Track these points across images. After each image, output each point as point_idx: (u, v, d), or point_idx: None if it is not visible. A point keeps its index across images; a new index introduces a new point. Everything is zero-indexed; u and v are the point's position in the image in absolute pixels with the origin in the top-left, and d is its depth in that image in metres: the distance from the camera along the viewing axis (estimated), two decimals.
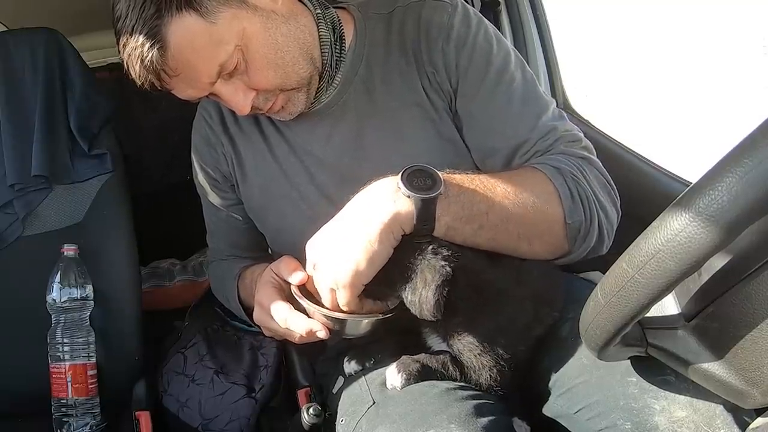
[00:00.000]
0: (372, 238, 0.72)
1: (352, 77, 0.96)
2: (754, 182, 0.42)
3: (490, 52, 0.92)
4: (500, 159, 0.91)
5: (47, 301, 1.08)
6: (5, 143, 1.18)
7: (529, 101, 0.92)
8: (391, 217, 0.73)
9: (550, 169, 0.83)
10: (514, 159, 0.91)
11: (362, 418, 0.82)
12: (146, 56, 0.79)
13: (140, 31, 0.78)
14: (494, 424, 0.74)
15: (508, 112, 0.90)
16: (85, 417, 1.07)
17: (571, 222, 0.81)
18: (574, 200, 0.81)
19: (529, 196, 0.79)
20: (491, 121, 0.91)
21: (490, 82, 0.91)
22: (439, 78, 0.92)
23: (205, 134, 1.04)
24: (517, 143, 0.90)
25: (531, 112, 0.91)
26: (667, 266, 0.48)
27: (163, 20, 0.78)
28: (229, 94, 0.85)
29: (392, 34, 0.96)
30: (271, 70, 0.85)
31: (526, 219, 0.79)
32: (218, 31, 0.80)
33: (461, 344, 0.80)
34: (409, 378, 0.81)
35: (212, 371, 1.36)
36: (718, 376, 0.58)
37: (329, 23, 0.94)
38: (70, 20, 1.53)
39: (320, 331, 0.80)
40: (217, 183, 1.06)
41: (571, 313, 0.87)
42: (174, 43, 0.79)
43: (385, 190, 0.76)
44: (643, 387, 0.74)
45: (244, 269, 1.06)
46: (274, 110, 0.91)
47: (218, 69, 0.82)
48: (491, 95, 0.91)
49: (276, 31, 0.85)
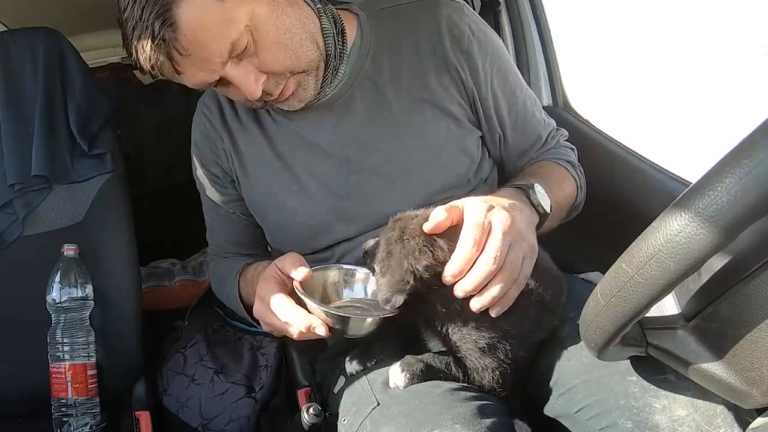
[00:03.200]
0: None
1: (358, 72, 0.96)
2: (754, 183, 0.42)
3: (504, 59, 1.01)
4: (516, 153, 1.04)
5: (47, 301, 1.08)
6: (5, 143, 1.18)
7: (534, 101, 1.05)
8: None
9: (566, 164, 1.03)
10: (531, 152, 1.05)
11: (366, 418, 0.82)
12: (157, 36, 0.79)
13: (150, 12, 0.78)
14: (498, 425, 0.74)
15: (527, 113, 1.03)
16: (85, 417, 1.07)
17: (578, 201, 1.03)
18: (580, 186, 1.02)
19: (564, 183, 0.98)
20: (515, 121, 1.02)
21: (510, 87, 1.01)
22: (464, 76, 0.97)
23: (204, 130, 1.04)
24: (533, 141, 1.04)
25: (538, 111, 1.05)
26: (666, 266, 0.48)
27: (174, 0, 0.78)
28: (241, 76, 0.85)
29: (401, 28, 0.97)
30: (281, 50, 0.86)
31: (565, 199, 0.98)
32: (228, 10, 0.80)
33: (464, 347, 0.80)
34: (412, 378, 0.81)
35: (212, 371, 1.36)
36: (718, 377, 0.58)
37: (330, 17, 0.95)
38: (70, 20, 1.53)
39: (320, 327, 0.79)
40: (216, 179, 1.06)
41: (571, 313, 0.87)
42: (185, 22, 0.79)
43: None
44: (643, 386, 0.74)
45: (246, 266, 1.06)
46: (285, 96, 0.90)
47: (229, 48, 0.82)
48: (514, 98, 1.01)
49: (282, 13, 0.86)
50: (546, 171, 0.99)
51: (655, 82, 4.40)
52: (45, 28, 1.22)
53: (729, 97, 3.85)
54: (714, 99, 3.96)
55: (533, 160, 1.04)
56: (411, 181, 0.94)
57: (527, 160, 1.05)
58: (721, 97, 3.94)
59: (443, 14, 0.96)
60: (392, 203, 0.93)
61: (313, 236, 0.99)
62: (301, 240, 1.01)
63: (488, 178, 1.02)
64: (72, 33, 1.29)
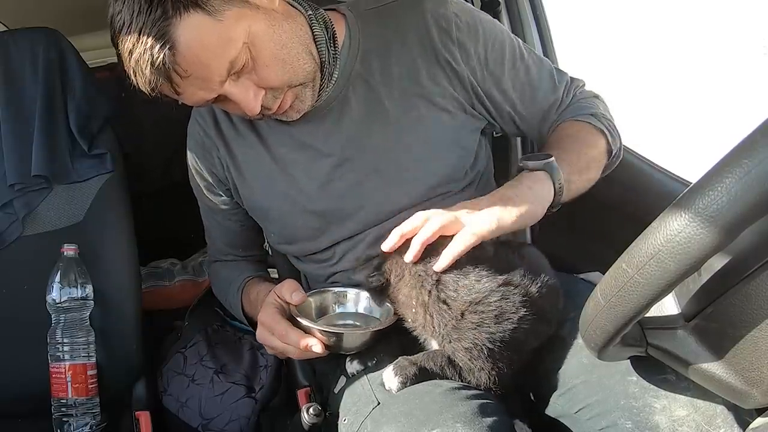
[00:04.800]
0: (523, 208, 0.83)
1: (349, 73, 0.96)
2: (754, 183, 0.42)
3: (497, 35, 1.00)
4: (536, 122, 1.04)
5: (47, 301, 1.08)
6: (5, 143, 1.17)
7: (540, 65, 1.03)
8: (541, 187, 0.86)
9: (588, 117, 1.00)
10: (551, 116, 1.04)
11: (367, 418, 0.82)
12: (157, 58, 0.78)
13: (148, 35, 0.77)
14: (498, 424, 0.74)
15: (532, 80, 1.01)
16: (85, 417, 1.07)
17: (614, 148, 1.00)
18: (611, 133, 1.00)
19: (590, 140, 0.97)
20: (523, 93, 1.01)
21: (509, 61, 0.99)
22: (456, 66, 0.96)
23: (199, 138, 1.05)
24: (549, 104, 1.03)
25: (547, 74, 1.03)
26: (666, 266, 0.48)
27: (171, 21, 0.77)
28: (240, 93, 0.85)
29: (389, 26, 0.98)
30: (279, 65, 0.86)
31: (595, 157, 0.97)
32: (226, 28, 0.80)
33: (455, 349, 0.80)
34: (405, 381, 0.82)
35: (212, 371, 1.36)
36: (718, 377, 0.58)
37: (321, 23, 0.95)
38: (70, 20, 1.53)
39: (316, 345, 0.84)
40: (211, 187, 1.07)
41: (571, 313, 0.87)
42: (184, 43, 0.78)
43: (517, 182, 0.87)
44: (643, 386, 0.74)
45: (248, 282, 1.08)
46: (284, 109, 0.91)
47: (228, 66, 0.82)
48: (515, 71, 1.00)
49: (279, 28, 0.86)
50: (565, 134, 0.98)
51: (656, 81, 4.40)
52: (45, 28, 1.22)
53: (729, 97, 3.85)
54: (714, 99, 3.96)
55: (555, 123, 1.03)
56: (408, 178, 0.94)
57: (550, 125, 1.03)
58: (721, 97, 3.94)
59: (428, 7, 0.97)
60: (390, 201, 0.94)
61: (314, 237, 0.99)
62: (302, 241, 1.01)
63: (485, 171, 1.02)
64: (72, 33, 1.28)
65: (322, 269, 1.03)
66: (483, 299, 0.78)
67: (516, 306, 0.78)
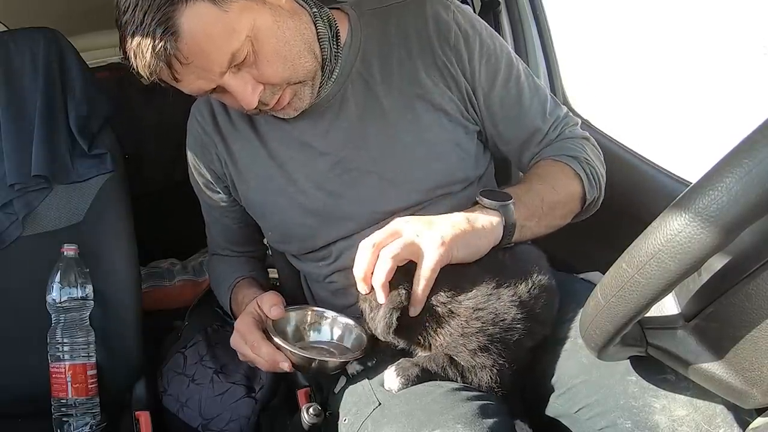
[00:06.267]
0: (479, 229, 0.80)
1: (349, 71, 0.97)
2: (754, 183, 0.42)
3: (494, 50, 0.99)
4: (516, 147, 1.02)
5: (47, 301, 1.08)
6: (5, 143, 1.17)
7: (535, 91, 1.01)
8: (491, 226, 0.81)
9: (569, 159, 0.96)
10: (530, 147, 1.01)
11: (367, 418, 0.82)
12: (158, 43, 0.78)
13: (152, 19, 0.77)
14: (499, 425, 0.74)
15: (522, 104, 0.99)
16: (84, 417, 1.07)
17: (589, 197, 0.96)
18: (589, 180, 0.95)
19: (562, 183, 0.93)
20: (508, 113, 0.99)
21: (502, 78, 0.98)
22: (453, 71, 0.96)
23: (197, 135, 1.05)
24: (531, 132, 1.00)
25: (538, 101, 1.01)
26: (666, 266, 0.48)
27: (177, 7, 0.78)
28: (239, 86, 0.85)
29: (390, 27, 0.98)
30: (280, 62, 0.86)
31: (563, 202, 0.93)
32: (231, 20, 0.80)
33: (459, 352, 0.80)
34: (406, 382, 0.82)
35: (212, 371, 1.36)
36: (718, 376, 0.58)
37: (325, 21, 0.95)
38: (70, 20, 1.53)
39: (283, 363, 0.86)
40: (210, 183, 1.07)
41: (570, 313, 0.87)
42: (187, 30, 0.78)
43: (470, 212, 0.83)
44: (643, 386, 0.74)
45: (238, 283, 1.09)
46: (281, 105, 0.91)
47: (230, 58, 0.82)
48: (505, 90, 0.98)
49: (283, 24, 0.86)
50: (536, 174, 0.95)
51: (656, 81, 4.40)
52: (45, 28, 1.22)
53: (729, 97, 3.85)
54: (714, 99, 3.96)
55: (536, 157, 1.00)
56: (405, 178, 0.94)
57: (531, 156, 1.01)
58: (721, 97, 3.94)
59: (430, 11, 0.97)
60: (388, 201, 0.94)
61: (311, 236, 0.99)
62: (299, 239, 1.01)
63: (484, 174, 1.02)
64: (72, 33, 1.28)
65: (319, 268, 1.03)
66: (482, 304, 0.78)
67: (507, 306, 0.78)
